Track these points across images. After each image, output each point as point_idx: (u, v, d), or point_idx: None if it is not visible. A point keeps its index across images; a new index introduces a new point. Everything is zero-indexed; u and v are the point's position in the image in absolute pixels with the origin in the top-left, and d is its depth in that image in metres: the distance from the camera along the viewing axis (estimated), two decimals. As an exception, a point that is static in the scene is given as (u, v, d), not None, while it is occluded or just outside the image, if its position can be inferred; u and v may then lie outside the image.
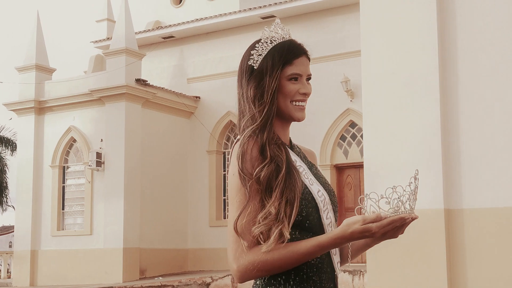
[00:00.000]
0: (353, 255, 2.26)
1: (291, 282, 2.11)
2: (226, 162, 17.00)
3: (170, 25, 17.72)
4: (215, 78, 17.04)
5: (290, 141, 2.30)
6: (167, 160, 16.52)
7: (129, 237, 14.96)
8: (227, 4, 17.59)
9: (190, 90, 17.28)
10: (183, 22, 17.38)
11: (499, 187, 4.33)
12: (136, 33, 16.84)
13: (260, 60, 2.22)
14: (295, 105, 2.23)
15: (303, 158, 2.31)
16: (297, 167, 2.17)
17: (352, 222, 2.02)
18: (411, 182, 2.06)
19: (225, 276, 13.82)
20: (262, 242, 2.04)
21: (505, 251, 4.41)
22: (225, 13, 16.85)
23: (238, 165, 2.09)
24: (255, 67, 2.22)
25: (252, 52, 2.25)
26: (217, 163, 16.92)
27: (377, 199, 2.04)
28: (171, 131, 16.74)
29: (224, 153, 17.10)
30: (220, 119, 16.89)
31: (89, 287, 13.86)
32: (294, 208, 2.07)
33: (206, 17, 17.07)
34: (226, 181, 16.92)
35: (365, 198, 2.07)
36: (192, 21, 17.20)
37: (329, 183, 2.31)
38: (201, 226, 16.76)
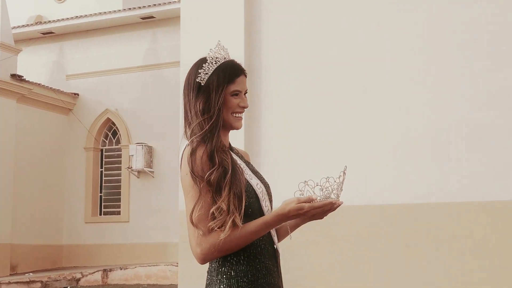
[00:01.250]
0: (286, 233, 2.69)
1: (241, 262, 2.54)
2: (104, 159, 17.13)
3: (49, 21, 17.65)
4: (94, 76, 17.12)
5: (230, 145, 2.73)
6: (43, 156, 16.48)
7: (-1, 233, 14.87)
8: (111, 2, 17.70)
9: (69, 86, 17.28)
10: (63, 19, 17.35)
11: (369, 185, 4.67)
12: (14, 27, 16.70)
13: (206, 78, 2.63)
14: (235, 116, 2.66)
15: (241, 157, 2.74)
16: (239, 165, 2.60)
17: (289, 202, 2.46)
18: (340, 176, 2.50)
19: (95, 272, 13.98)
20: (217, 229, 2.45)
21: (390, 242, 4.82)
22: (106, 12, 16.96)
23: (189, 167, 2.50)
24: (202, 84, 2.62)
25: (199, 70, 2.64)
26: (94, 160, 17.01)
27: (313, 186, 2.47)
28: (48, 127, 16.70)
29: (101, 150, 17.20)
30: (98, 116, 16.98)
31: (-46, 283, 13.69)
32: (243, 200, 2.50)
33: (86, 15, 17.11)
34: (103, 178, 17.11)
35: (303, 184, 2.48)
36: (72, 18, 17.21)
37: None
38: (76, 223, 16.81)
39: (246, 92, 2.74)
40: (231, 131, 2.72)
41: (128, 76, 16.76)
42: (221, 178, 2.51)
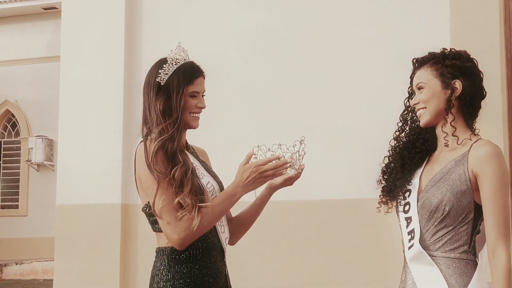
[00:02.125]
0: (255, 211, 2.83)
1: (191, 259, 2.63)
2: (2, 152, 16.69)
3: None
4: (-8, 67, 16.66)
5: (186, 142, 2.81)
6: None
7: None
8: (14, -10, 17.22)
9: (-34, 77, 16.74)
10: (-40, 6, 16.77)
11: None
12: None
13: (166, 78, 2.69)
14: (193, 116, 2.74)
15: (196, 156, 2.82)
16: (192, 165, 2.69)
17: (243, 164, 2.60)
18: (295, 144, 2.61)
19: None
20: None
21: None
22: (7, 1, 16.51)
23: (148, 163, 2.60)
24: (161, 84, 2.69)
25: (160, 70, 2.71)
26: (-8, 153, 16.55)
27: (265, 151, 2.60)
28: None
29: (0, 142, 16.75)
30: (-3, 108, 16.55)
31: None
32: (204, 194, 2.65)
33: (-15, 3, 16.62)
34: (1, 171, 16.65)
35: (257, 148, 2.61)
36: (-31, 6, 16.67)
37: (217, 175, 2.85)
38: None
39: (204, 93, 2.82)
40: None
41: (29, 67, 16.38)
42: (183, 175, 2.59)
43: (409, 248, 2.52)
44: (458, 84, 2.58)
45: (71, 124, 5.66)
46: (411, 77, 2.70)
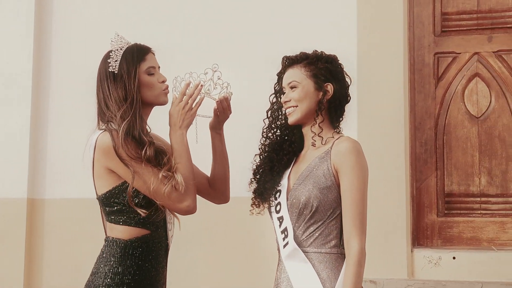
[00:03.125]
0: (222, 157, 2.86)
1: (143, 255, 2.64)
2: None
3: None
4: None
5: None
6: None
7: None
8: None
9: None
10: None
11: (78, 180, 4.69)
12: None
13: (117, 65, 2.68)
14: (164, 91, 2.73)
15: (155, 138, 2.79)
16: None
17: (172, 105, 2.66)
18: (207, 72, 2.64)
19: None
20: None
21: (82, 238, 4.86)
22: None
23: (119, 153, 2.57)
24: (116, 72, 2.67)
25: (108, 60, 2.69)
26: None
27: (180, 81, 2.66)
28: None
29: None
30: None
31: None
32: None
33: None
34: None
35: (174, 80, 2.66)
36: None
37: None
38: None
39: (159, 68, 2.80)
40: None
41: None
42: (155, 151, 2.62)
43: (284, 246, 2.57)
44: (330, 88, 2.66)
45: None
46: (280, 75, 2.73)
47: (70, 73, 5.03)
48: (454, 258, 4.25)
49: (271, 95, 2.75)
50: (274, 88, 2.75)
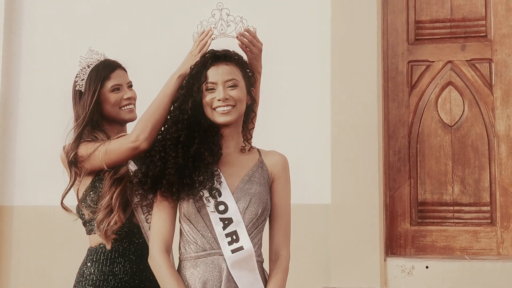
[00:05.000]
0: None
1: (125, 257, 2.67)
2: None
3: None
4: None
5: None
6: None
7: None
8: None
9: None
10: None
11: (47, 187, 4.63)
12: None
13: (84, 84, 2.74)
14: (124, 109, 2.76)
15: None
16: None
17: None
18: (214, 14, 2.59)
19: None
20: None
21: (51, 245, 4.78)
22: None
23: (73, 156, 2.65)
24: (82, 90, 2.74)
25: (76, 79, 2.77)
26: None
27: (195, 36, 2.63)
28: None
29: None
30: None
31: None
32: None
33: None
34: None
35: (192, 36, 2.63)
36: None
37: None
38: None
39: (131, 85, 2.84)
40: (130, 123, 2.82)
41: None
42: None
43: (233, 251, 2.43)
44: (254, 92, 2.63)
45: None
46: (203, 68, 2.54)
47: (40, 81, 4.97)
48: (427, 267, 4.23)
49: (181, 91, 2.56)
50: (195, 80, 2.54)
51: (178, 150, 2.46)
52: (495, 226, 4.39)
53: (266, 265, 2.60)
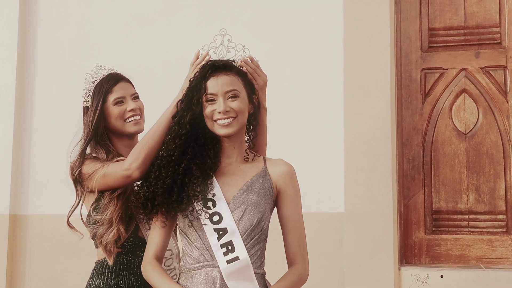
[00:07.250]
0: None
1: (127, 269, 2.67)
2: None
3: None
4: None
5: None
6: None
7: None
8: None
9: None
10: None
11: (61, 196, 4.63)
12: None
13: (89, 100, 2.76)
14: (129, 122, 2.74)
15: None
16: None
17: None
18: (216, 39, 2.57)
19: None
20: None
21: (64, 254, 4.79)
22: None
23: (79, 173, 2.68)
24: (89, 106, 2.76)
25: (82, 95, 2.79)
26: None
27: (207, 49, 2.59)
28: None
29: None
30: None
31: None
32: None
33: None
34: None
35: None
36: None
37: None
38: None
39: (136, 96, 2.82)
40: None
41: None
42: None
43: (229, 262, 2.37)
44: (256, 100, 2.58)
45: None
46: (202, 80, 2.49)
47: (54, 88, 4.99)
48: (442, 276, 4.20)
49: (179, 102, 2.53)
50: (188, 93, 2.50)
51: (168, 170, 2.45)
52: (511, 234, 4.35)
53: (270, 278, 2.55)
